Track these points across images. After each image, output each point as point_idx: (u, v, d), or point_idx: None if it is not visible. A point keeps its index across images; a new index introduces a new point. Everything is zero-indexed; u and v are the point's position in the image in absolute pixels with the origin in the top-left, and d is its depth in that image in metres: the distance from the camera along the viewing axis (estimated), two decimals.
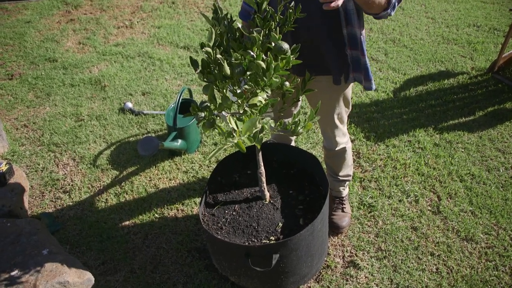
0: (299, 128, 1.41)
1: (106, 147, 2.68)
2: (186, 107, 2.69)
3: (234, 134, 1.11)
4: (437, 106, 3.00)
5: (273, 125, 1.38)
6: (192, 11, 4.58)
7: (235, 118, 1.19)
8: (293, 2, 1.36)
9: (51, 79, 3.36)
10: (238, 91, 1.34)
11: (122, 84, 3.28)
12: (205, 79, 1.35)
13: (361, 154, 2.59)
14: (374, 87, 1.65)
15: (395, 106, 3.00)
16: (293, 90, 1.52)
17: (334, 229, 2.09)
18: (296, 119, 1.40)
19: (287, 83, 1.45)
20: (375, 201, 2.27)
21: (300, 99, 1.63)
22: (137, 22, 4.34)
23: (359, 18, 1.50)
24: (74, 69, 3.47)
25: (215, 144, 2.71)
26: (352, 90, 2.70)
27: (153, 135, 2.78)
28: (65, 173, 2.52)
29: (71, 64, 3.54)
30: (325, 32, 1.53)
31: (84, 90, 3.21)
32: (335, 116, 1.80)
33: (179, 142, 2.44)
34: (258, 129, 1.19)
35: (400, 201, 2.28)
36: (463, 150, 2.61)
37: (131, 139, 2.76)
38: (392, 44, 3.84)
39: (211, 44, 1.32)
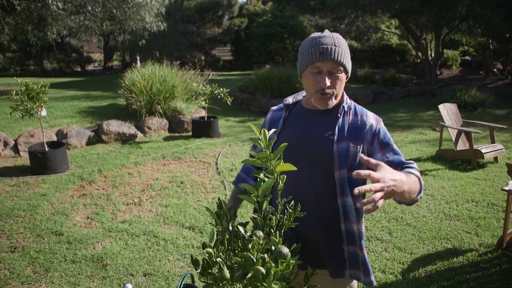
0: None
1: None
2: None
3: None
4: (450, 287, 2.85)
5: None
6: (200, 191, 4.78)
7: None
8: (292, 201, 1.43)
9: (53, 253, 3.32)
10: None
11: (124, 264, 3.21)
12: (204, 281, 1.33)
13: None
14: (374, 282, 1.61)
15: None
16: (296, 287, 1.48)
17: None
18: None
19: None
20: None
21: None
22: (146, 199, 4.51)
23: (358, 214, 1.56)
24: (78, 244, 3.46)
25: None
26: None
27: None
28: None
29: (76, 239, 3.55)
30: (323, 228, 1.56)
31: (84, 268, 3.14)
32: None
33: None
34: None
35: None
36: None
37: None
38: (395, 222, 3.87)
39: (212, 244, 1.34)
